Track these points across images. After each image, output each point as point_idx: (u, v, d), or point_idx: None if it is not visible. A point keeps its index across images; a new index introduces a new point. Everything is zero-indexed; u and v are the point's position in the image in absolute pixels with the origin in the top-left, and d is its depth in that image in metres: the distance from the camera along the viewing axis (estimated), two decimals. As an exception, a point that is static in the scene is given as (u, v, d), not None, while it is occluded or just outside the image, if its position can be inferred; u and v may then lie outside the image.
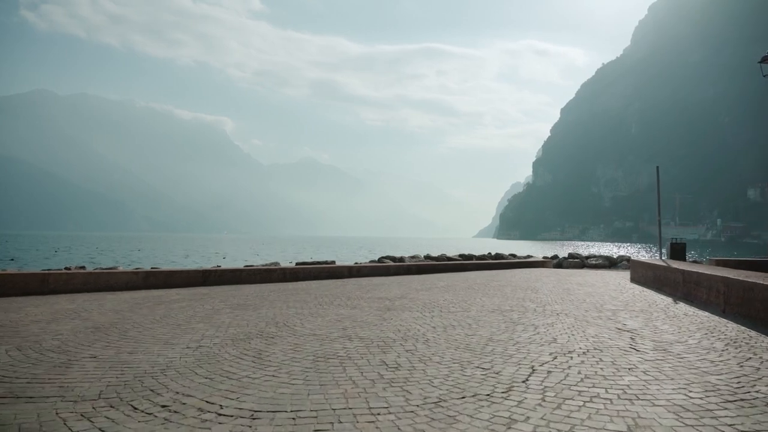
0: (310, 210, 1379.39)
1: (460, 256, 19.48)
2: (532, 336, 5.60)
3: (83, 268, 14.81)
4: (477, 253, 21.20)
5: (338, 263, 17.10)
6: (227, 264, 34.80)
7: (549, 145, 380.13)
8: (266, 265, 15.61)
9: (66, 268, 14.19)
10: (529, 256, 22.17)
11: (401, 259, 17.39)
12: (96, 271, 12.20)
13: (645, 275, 11.66)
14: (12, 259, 40.12)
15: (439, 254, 19.56)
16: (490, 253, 21.27)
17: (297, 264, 16.52)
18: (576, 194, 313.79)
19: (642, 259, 12.61)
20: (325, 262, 16.84)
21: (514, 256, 21.37)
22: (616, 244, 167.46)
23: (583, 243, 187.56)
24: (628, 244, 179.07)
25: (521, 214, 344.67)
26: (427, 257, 18.76)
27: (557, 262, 19.91)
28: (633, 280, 12.61)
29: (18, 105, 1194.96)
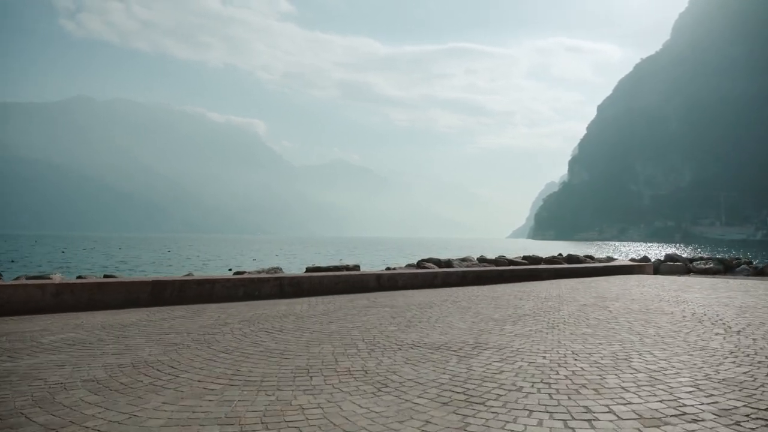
0: (336, 211, 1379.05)
1: (525, 258, 14.61)
2: None
3: (18, 279, 10.63)
4: (541, 256, 16.27)
5: (363, 269, 12.42)
6: (259, 265, 30.41)
7: (585, 142, 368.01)
8: (261, 272, 11.06)
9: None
10: (610, 258, 17.10)
11: (448, 263, 12.62)
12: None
13: None
14: (12, 261, 37.00)
15: (497, 256, 14.73)
16: (560, 254, 16.33)
17: (306, 270, 11.87)
18: (614, 193, 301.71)
19: None
20: (345, 267, 12.12)
21: (591, 258, 16.35)
22: (659, 244, 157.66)
23: (622, 243, 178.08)
24: (671, 244, 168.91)
25: (556, 214, 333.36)
26: (482, 260, 13.96)
27: (653, 266, 15.00)
28: None
29: (60, 111, 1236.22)
